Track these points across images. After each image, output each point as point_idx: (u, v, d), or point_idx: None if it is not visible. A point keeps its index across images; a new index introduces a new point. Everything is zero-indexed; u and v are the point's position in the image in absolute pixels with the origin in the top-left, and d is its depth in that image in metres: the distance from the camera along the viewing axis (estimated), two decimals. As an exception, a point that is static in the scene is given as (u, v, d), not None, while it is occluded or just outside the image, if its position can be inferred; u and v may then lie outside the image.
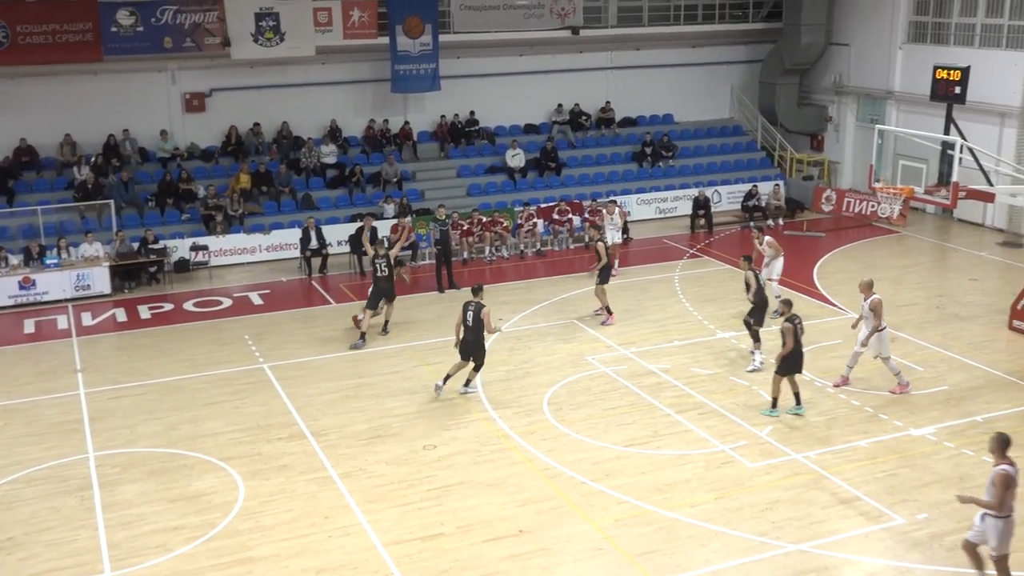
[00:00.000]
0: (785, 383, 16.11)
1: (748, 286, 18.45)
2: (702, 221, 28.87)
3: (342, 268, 25.37)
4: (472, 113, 31.04)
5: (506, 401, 16.96)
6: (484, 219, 26.46)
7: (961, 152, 18.98)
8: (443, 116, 30.67)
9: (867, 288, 16.74)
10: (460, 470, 14.55)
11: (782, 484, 13.95)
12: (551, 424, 16.02)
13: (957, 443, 15.11)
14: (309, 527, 13.04)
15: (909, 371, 17.81)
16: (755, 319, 18.39)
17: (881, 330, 16.60)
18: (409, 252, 25.65)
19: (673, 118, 33.99)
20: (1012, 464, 10.79)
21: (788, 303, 16.42)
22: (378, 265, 20.08)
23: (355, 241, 24.98)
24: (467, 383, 17.25)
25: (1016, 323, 19.95)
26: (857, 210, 30.13)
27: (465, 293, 22.97)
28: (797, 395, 16.25)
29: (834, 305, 21.80)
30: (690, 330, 20.36)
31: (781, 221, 29.47)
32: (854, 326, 17.31)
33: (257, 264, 25.88)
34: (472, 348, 17.01)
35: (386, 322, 20.65)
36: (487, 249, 26.31)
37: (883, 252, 26.51)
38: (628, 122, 33.29)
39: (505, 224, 26.76)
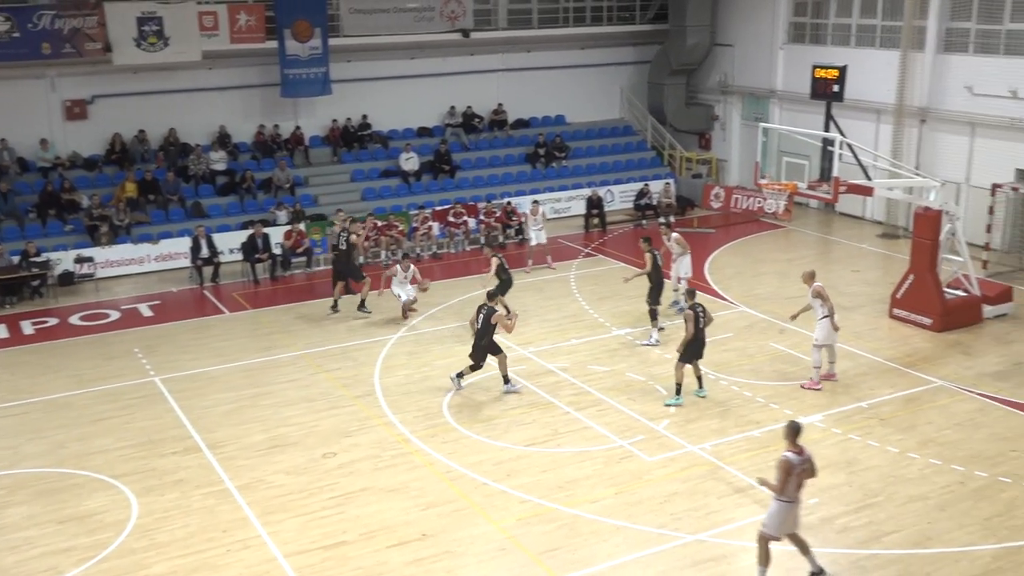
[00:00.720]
0: (689, 369, 16.65)
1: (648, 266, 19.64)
2: (596, 220, 29.25)
3: (235, 277, 24.91)
4: (364, 117, 30.83)
5: (406, 405, 16.91)
6: (379, 223, 26.31)
7: (841, 148, 19.61)
8: (335, 120, 30.40)
9: (809, 278, 17.21)
10: (361, 476, 14.45)
11: (680, 476, 14.23)
12: (452, 427, 16.04)
13: (844, 429, 15.65)
14: (206, 542, 12.77)
15: (796, 361, 18.38)
16: (651, 299, 19.35)
17: (826, 317, 16.96)
18: (304, 258, 25.38)
19: (565, 119, 34.37)
20: (799, 452, 11.15)
21: (692, 292, 17.13)
22: (341, 239, 21.97)
23: (247, 248, 24.59)
24: (459, 375, 17.40)
25: (896, 311, 20.76)
26: (744, 206, 30.94)
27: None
28: (700, 378, 16.92)
29: (724, 299, 22.32)
30: (587, 328, 20.61)
31: (672, 219, 30.00)
32: (794, 317, 17.97)
33: (146, 275, 25.22)
34: (476, 350, 17.22)
35: (362, 300, 21.81)
36: (383, 253, 26.17)
37: (770, 246, 27.28)
38: (521, 123, 33.53)
39: (400, 228, 26.67)
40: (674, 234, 21.65)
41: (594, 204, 29.32)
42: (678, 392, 16.63)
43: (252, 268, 24.64)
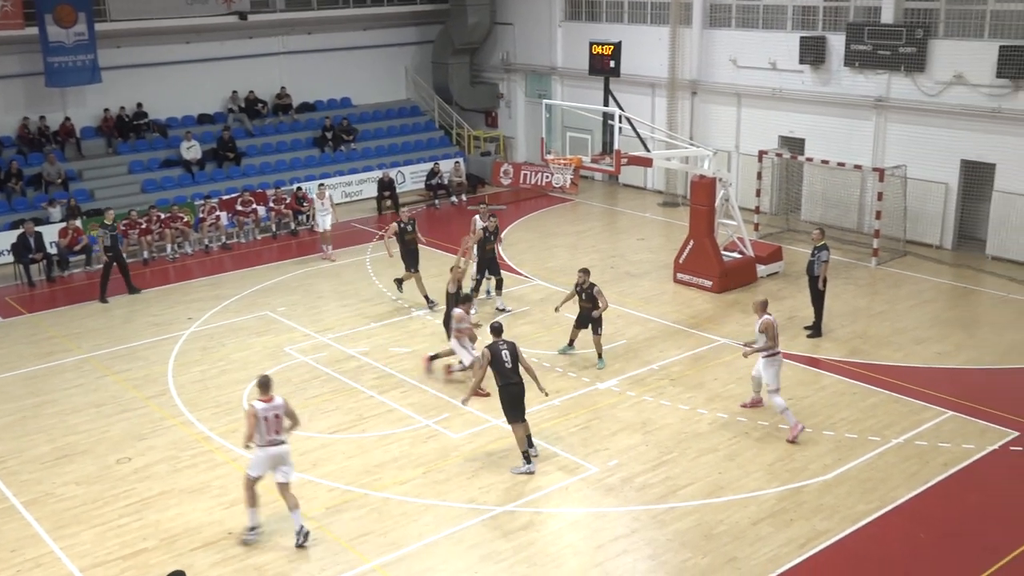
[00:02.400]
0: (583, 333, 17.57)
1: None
2: (388, 202, 29.15)
3: (7, 280, 23.35)
4: (139, 105, 29.43)
5: (203, 402, 16.40)
6: (163, 215, 25.25)
7: (620, 122, 20.36)
8: (107, 110, 28.88)
9: (760, 309, 14.97)
10: (160, 480, 13.93)
11: (486, 450, 14.48)
12: (253, 420, 15.67)
13: (638, 391, 16.35)
14: (-6, 564, 12.03)
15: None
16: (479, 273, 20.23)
17: (774, 355, 14.74)
18: (83, 256, 24.07)
19: (351, 101, 34.00)
20: (268, 401, 12.08)
21: (586, 271, 17.27)
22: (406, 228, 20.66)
23: (19, 249, 23.07)
24: (529, 445, 14.07)
25: (679, 276, 21.80)
26: (533, 182, 31.63)
27: (149, 296, 22.06)
28: (573, 341, 17.87)
29: (519, 273, 22.78)
30: (386, 311, 20.59)
31: (464, 197, 30.36)
32: (746, 355, 15.26)
33: (-97, 284, 23.31)
34: (522, 395, 13.83)
35: (400, 280, 20.88)
36: (168, 247, 25.14)
37: (559, 220, 28.01)
38: (306, 107, 32.92)
39: (186, 219, 25.69)
40: (494, 219, 20.74)
41: (386, 186, 29.20)
42: (571, 344, 17.89)
43: (25, 270, 23.14)
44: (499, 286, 20.56)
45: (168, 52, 29.89)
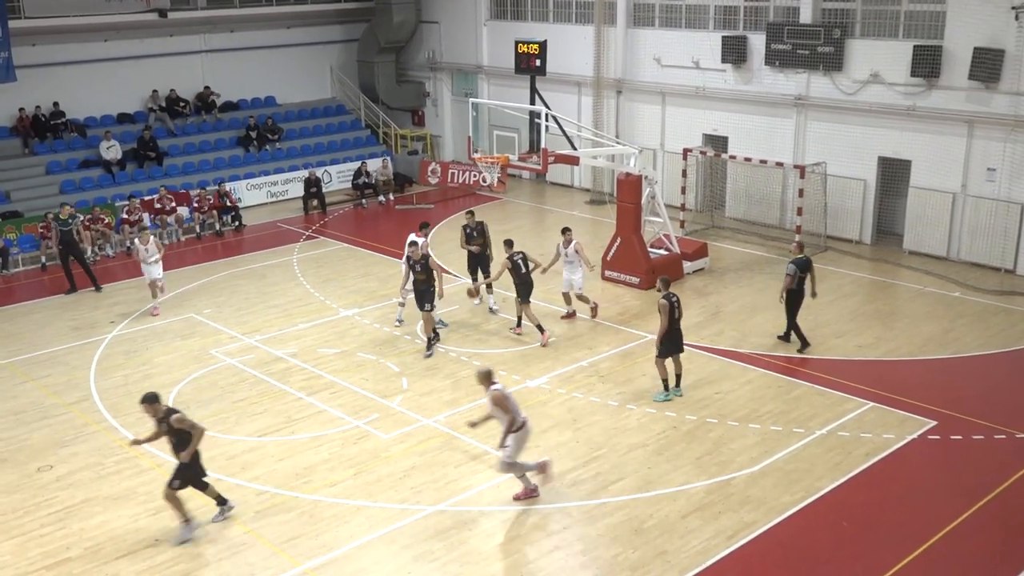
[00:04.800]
0: (668, 364, 16.00)
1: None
2: (315, 202, 28.91)
3: (-82, 285, 22.67)
4: (56, 104, 28.71)
5: (127, 407, 16.06)
6: (83, 217, 24.64)
7: (547, 120, 20.45)
8: (22, 109, 28.12)
9: (484, 380, 12.88)
10: (83, 487, 13.64)
11: (417, 450, 14.46)
12: (179, 425, 15.41)
13: (568, 388, 16.46)
14: (-91, 578, 11.65)
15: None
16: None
17: (517, 430, 12.80)
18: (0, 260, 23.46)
19: (276, 100, 33.61)
20: None
21: (667, 281, 16.07)
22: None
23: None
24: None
25: (607, 273, 22.00)
26: (461, 180, 31.61)
27: (69, 300, 21.58)
28: (679, 376, 16.12)
29: (448, 272, 22.72)
30: (314, 312, 20.41)
31: (391, 196, 30.22)
32: (473, 425, 13.79)
33: None
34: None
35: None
36: (89, 249, 24.53)
37: (487, 218, 27.63)
38: (230, 106, 32.43)
39: (107, 220, 25.15)
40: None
41: (312, 185, 28.95)
42: (665, 387, 15.95)
43: (-63, 275, 22.48)
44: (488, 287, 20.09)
45: (86, 50, 29.22)
